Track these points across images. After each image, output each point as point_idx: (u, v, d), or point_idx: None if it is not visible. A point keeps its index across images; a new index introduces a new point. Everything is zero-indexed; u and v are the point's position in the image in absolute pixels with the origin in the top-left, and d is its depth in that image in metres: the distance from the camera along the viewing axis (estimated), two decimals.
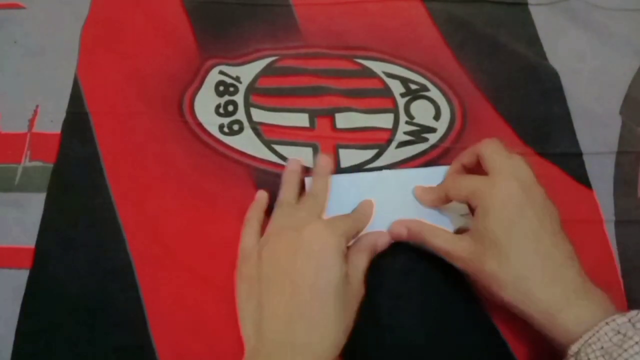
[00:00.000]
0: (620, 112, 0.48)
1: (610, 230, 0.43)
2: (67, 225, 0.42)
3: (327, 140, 0.46)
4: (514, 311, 0.35)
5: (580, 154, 0.46)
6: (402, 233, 0.40)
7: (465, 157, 0.41)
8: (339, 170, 0.45)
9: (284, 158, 0.45)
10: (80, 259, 0.41)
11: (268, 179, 0.44)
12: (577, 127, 0.47)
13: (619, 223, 0.43)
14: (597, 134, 0.47)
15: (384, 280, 0.40)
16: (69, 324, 0.38)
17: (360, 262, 0.38)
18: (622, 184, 0.45)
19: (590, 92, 0.49)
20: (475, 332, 0.39)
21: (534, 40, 0.53)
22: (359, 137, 0.47)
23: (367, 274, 0.38)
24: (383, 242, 0.40)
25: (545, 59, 0.52)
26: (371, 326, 0.38)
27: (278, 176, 0.43)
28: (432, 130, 0.47)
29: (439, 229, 0.39)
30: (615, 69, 0.51)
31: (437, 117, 0.48)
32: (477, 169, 0.39)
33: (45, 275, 0.40)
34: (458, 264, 0.37)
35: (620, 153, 0.46)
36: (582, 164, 0.46)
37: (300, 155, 0.45)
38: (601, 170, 0.45)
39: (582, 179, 0.45)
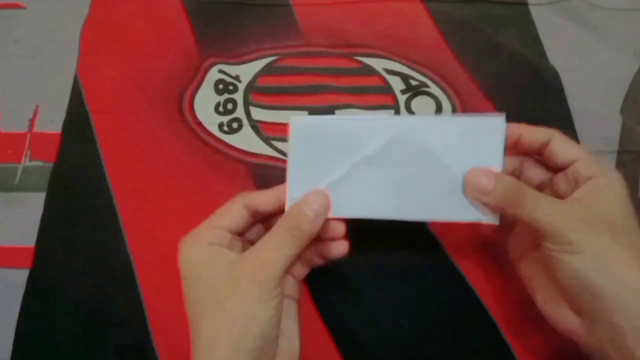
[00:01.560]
0: (621, 112, 0.48)
1: None
2: (67, 225, 0.42)
3: None
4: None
5: None
6: (488, 187, 0.31)
7: (535, 134, 0.34)
8: None
9: (283, 154, 0.45)
10: (80, 259, 0.41)
11: (268, 174, 0.44)
12: (577, 127, 0.47)
13: None
14: (597, 133, 0.47)
15: (382, 280, 0.40)
16: (69, 324, 0.38)
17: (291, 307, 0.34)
18: None
19: (590, 92, 0.49)
20: (475, 331, 0.39)
21: (534, 40, 0.53)
22: None
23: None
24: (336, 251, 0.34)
25: (545, 58, 0.51)
26: (370, 325, 0.39)
27: (277, 169, 0.44)
28: None
29: (540, 194, 0.32)
30: (615, 69, 0.51)
31: (438, 113, 0.48)
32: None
33: (45, 275, 0.40)
34: (556, 232, 0.31)
35: (620, 152, 0.46)
36: None
37: None
38: None
39: None
